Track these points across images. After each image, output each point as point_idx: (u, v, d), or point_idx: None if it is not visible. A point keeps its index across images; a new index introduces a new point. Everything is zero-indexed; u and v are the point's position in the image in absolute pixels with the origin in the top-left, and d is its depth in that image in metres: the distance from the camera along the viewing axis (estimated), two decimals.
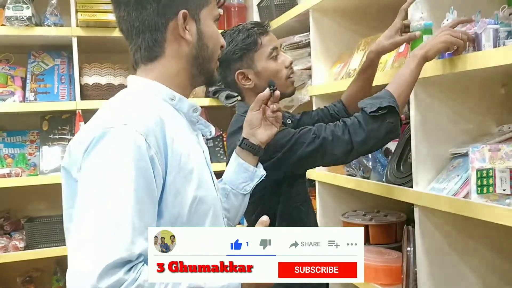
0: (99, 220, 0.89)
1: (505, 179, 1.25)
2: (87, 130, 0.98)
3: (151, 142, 0.94)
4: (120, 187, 0.90)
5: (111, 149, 0.92)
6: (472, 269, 1.56)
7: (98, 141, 0.93)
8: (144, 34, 1.06)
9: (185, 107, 1.10)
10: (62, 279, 2.87)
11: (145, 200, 0.92)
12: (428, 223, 1.52)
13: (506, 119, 1.56)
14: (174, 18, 1.06)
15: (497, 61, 1.18)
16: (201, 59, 1.10)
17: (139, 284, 0.87)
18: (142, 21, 1.05)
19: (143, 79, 1.09)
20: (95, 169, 0.92)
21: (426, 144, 1.53)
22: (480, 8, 1.42)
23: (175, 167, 0.98)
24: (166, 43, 1.07)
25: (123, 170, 0.91)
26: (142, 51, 1.08)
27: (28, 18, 2.46)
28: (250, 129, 1.36)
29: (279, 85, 1.52)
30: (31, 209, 2.90)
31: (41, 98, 2.63)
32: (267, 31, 1.58)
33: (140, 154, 0.92)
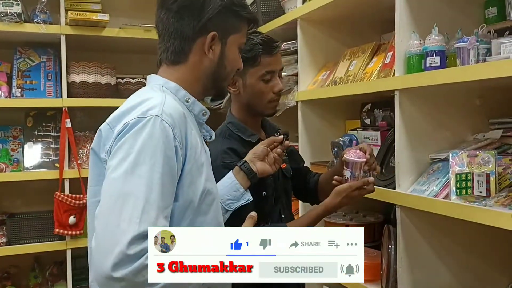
0: (129, 195, 0.98)
1: (482, 183, 1.37)
2: (119, 116, 1.09)
3: (177, 133, 1.06)
4: (149, 169, 1.00)
5: (145, 135, 1.02)
6: (448, 267, 1.68)
7: (132, 127, 1.04)
8: (175, 40, 1.19)
9: (197, 109, 1.22)
10: (39, 275, 2.87)
11: (168, 184, 1.03)
12: (409, 223, 1.63)
13: (480, 128, 1.70)
14: (204, 36, 1.18)
15: (480, 75, 1.30)
16: (217, 76, 1.23)
17: None
18: (176, 28, 1.18)
19: (164, 79, 1.20)
20: (128, 151, 1.02)
21: (408, 149, 1.64)
22: (461, 25, 1.55)
23: (192, 159, 1.10)
24: (191, 54, 1.20)
25: (153, 155, 1.01)
26: (169, 53, 1.20)
27: (18, 14, 2.48)
28: (253, 157, 1.48)
29: (260, 105, 1.60)
30: (10, 205, 2.89)
31: (28, 94, 2.64)
32: (273, 53, 1.58)
33: (168, 143, 1.04)
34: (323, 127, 2.30)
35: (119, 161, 1.01)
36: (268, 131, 1.72)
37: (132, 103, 1.11)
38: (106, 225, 0.98)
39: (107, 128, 1.10)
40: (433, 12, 1.63)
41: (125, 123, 1.05)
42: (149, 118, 1.04)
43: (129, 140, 1.03)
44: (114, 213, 0.98)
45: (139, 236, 0.95)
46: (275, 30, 2.48)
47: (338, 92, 1.99)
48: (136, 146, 1.02)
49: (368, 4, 2.00)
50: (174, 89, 1.19)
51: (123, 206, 0.98)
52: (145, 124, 1.03)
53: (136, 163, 1.00)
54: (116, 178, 1.00)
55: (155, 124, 1.04)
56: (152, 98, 1.11)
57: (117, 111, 1.13)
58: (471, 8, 1.69)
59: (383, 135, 1.93)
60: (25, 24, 2.54)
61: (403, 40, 1.62)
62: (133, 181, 0.99)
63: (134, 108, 1.08)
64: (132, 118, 1.05)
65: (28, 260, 2.85)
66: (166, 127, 1.04)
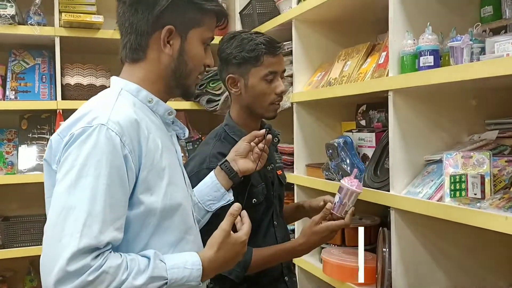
0: (72, 209, 0.96)
1: (476, 184, 1.35)
2: (68, 126, 1.05)
3: (126, 141, 1.02)
4: (93, 181, 0.97)
5: (89, 146, 0.99)
6: (443, 269, 1.65)
7: (77, 138, 1.00)
8: (131, 35, 1.13)
9: (161, 110, 1.17)
10: (35, 279, 2.85)
11: (117, 194, 1.00)
12: (404, 225, 1.61)
13: (476, 129, 1.67)
14: (160, 30, 1.12)
15: (474, 74, 1.27)
16: (178, 74, 1.16)
17: (104, 270, 0.95)
18: (131, 23, 1.13)
19: (124, 81, 1.15)
20: (73, 163, 0.99)
21: (402, 150, 1.61)
22: (456, 24, 1.52)
23: (148, 165, 1.06)
24: (149, 49, 1.14)
25: (98, 165, 0.98)
26: (127, 50, 1.15)
27: (12, 16, 2.46)
28: (234, 155, 1.45)
29: (261, 107, 1.57)
30: (4, 208, 2.88)
31: (22, 96, 2.63)
32: (276, 53, 1.55)
33: (115, 152, 1.00)
34: (319, 129, 2.28)
35: (64, 174, 0.99)
36: None
37: (82, 111, 1.07)
38: (49, 240, 0.96)
39: (57, 139, 1.06)
40: (427, 11, 1.61)
41: (71, 133, 1.02)
42: (94, 127, 1.01)
43: (73, 152, 1.00)
44: (57, 228, 0.95)
45: (80, 252, 0.93)
46: (271, 31, 2.46)
47: (332, 93, 1.97)
48: (80, 157, 0.99)
49: (363, 4, 1.98)
50: (134, 91, 1.14)
51: (65, 221, 0.95)
52: (90, 134, 1.00)
53: (80, 175, 0.98)
54: (61, 191, 0.98)
55: (100, 134, 1.00)
56: (101, 105, 1.07)
57: (67, 120, 1.08)
58: (467, 7, 1.66)
59: (378, 136, 1.90)
60: (19, 26, 2.52)
61: (396, 40, 1.60)
62: (76, 194, 0.97)
63: (83, 117, 1.04)
64: (78, 128, 1.02)
65: (24, 264, 2.83)
66: (113, 135, 1.00)
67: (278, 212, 1.65)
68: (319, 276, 2.08)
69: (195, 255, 1.09)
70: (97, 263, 0.94)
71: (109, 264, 0.95)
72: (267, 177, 1.61)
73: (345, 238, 2.07)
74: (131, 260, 1.00)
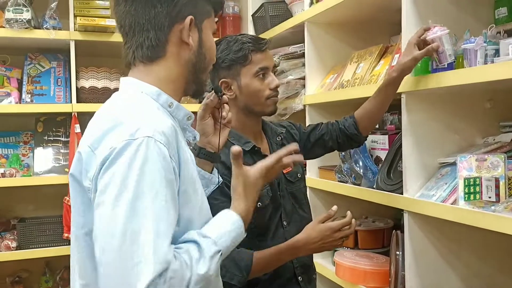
0: (137, 234, 0.88)
1: (490, 187, 1.34)
2: (100, 138, 0.95)
3: (172, 153, 0.95)
4: (152, 200, 0.89)
5: (139, 162, 0.90)
6: (457, 273, 1.64)
7: (121, 153, 0.90)
8: (149, 32, 1.04)
9: (181, 114, 1.09)
10: (50, 280, 2.89)
11: (172, 210, 0.93)
12: (417, 228, 1.60)
13: (490, 131, 1.66)
14: (181, 22, 1.06)
15: (488, 76, 1.27)
16: (197, 67, 1.11)
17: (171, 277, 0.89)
18: (149, 19, 1.04)
19: (142, 83, 1.06)
20: (124, 183, 0.89)
21: (416, 153, 1.61)
22: (468, 26, 1.51)
23: (187, 178, 1.00)
24: (169, 44, 1.06)
25: (154, 183, 0.90)
26: (144, 49, 1.05)
27: (28, 21, 2.50)
28: (205, 138, 1.35)
29: (258, 104, 1.56)
30: (20, 210, 2.92)
31: (38, 100, 2.66)
32: (262, 49, 1.55)
33: (167, 166, 0.92)
34: None
35: (116, 195, 0.89)
36: (270, 136, 1.68)
37: (114, 119, 0.96)
38: (116, 271, 0.87)
39: (88, 151, 0.95)
40: (440, 13, 1.60)
41: (111, 147, 0.91)
42: (141, 140, 0.91)
43: (121, 169, 0.89)
44: (124, 256, 0.87)
45: (156, 277, 0.86)
46: (283, 33, 2.47)
47: (345, 95, 1.97)
48: (132, 176, 0.89)
49: (376, 6, 1.98)
50: (155, 95, 1.05)
51: (132, 246, 0.87)
52: (138, 149, 0.90)
53: (137, 196, 0.88)
54: (117, 215, 0.88)
55: (149, 147, 0.91)
56: (139, 113, 0.98)
57: (96, 128, 0.98)
58: (481, 9, 1.65)
59: (391, 138, 1.90)
60: (35, 30, 2.56)
61: None
62: (138, 218, 0.88)
63: (118, 126, 0.94)
64: (119, 141, 0.91)
65: (39, 265, 2.87)
66: (162, 148, 0.92)
67: (288, 212, 1.63)
68: (331, 278, 2.08)
69: (231, 214, 1.07)
70: (165, 277, 0.88)
71: (173, 271, 0.89)
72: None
73: (358, 241, 2.07)
74: (185, 253, 0.95)
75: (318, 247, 1.47)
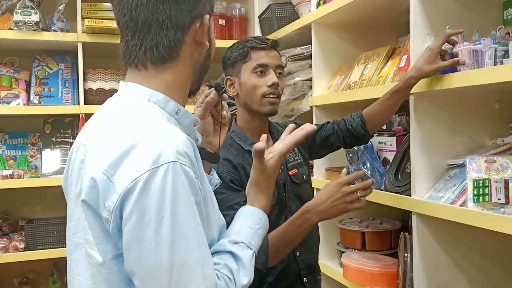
0: (184, 266, 0.85)
1: (500, 189, 1.33)
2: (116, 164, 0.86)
3: (195, 171, 0.90)
4: (190, 228, 0.86)
5: (169, 191, 0.84)
6: (465, 275, 1.63)
7: (147, 184, 0.84)
8: (168, 31, 0.95)
9: (187, 121, 1.02)
10: (58, 280, 2.89)
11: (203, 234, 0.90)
12: (425, 230, 1.59)
13: (499, 132, 1.65)
14: (198, 22, 0.98)
15: (497, 78, 1.26)
16: (204, 68, 1.05)
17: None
18: (170, 16, 0.94)
19: (149, 90, 0.97)
20: (157, 216, 0.84)
21: (424, 154, 1.60)
22: (477, 27, 1.51)
23: (207, 194, 0.96)
24: (183, 45, 0.98)
25: (187, 208, 0.86)
26: (160, 49, 0.95)
27: (36, 23, 2.51)
28: (205, 138, 1.26)
29: (255, 102, 1.56)
30: (28, 211, 2.93)
31: (46, 101, 2.67)
32: (264, 47, 1.56)
33: (194, 188, 0.88)
34: None
35: (154, 228, 0.84)
36: (276, 137, 1.66)
37: (128, 140, 0.87)
38: None
39: (104, 179, 0.87)
40: (449, 14, 1.60)
41: (134, 178, 0.84)
42: (166, 167, 0.84)
43: (151, 202, 0.83)
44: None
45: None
46: (290, 34, 2.47)
47: (353, 96, 1.96)
48: (166, 207, 0.84)
49: (383, 7, 1.97)
50: (162, 102, 0.97)
51: (183, 281, 0.85)
52: (165, 176, 0.84)
53: (175, 227, 0.84)
54: (160, 250, 0.84)
55: (176, 172, 0.84)
56: (154, 132, 0.90)
57: (107, 150, 0.89)
58: (489, 10, 1.64)
59: (399, 140, 1.89)
60: (43, 33, 2.57)
61: (417, 43, 1.58)
62: (180, 250, 0.85)
63: (135, 149, 0.86)
64: (142, 170, 0.84)
65: (47, 265, 2.88)
66: (187, 170, 0.86)
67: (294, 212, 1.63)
68: (339, 280, 2.07)
69: (256, 210, 1.08)
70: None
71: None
72: (277, 180, 1.55)
73: (365, 242, 2.06)
74: (224, 268, 0.95)
75: (329, 206, 1.36)
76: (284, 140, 1.17)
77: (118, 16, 0.98)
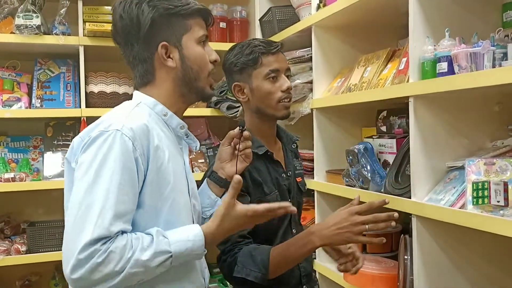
0: (90, 206, 1.06)
1: (499, 191, 1.32)
2: (88, 130, 1.17)
3: (137, 145, 1.13)
4: (108, 180, 1.08)
5: (104, 149, 1.10)
6: (466, 277, 1.63)
7: (93, 140, 1.12)
8: (137, 66, 1.26)
9: (174, 123, 1.28)
10: (60, 283, 2.90)
11: (127, 191, 1.10)
12: (425, 233, 1.59)
13: (499, 134, 1.65)
14: (157, 50, 1.23)
15: (496, 80, 1.26)
16: (187, 79, 1.26)
17: (111, 250, 1.05)
18: (134, 56, 1.25)
19: (144, 95, 1.27)
20: (90, 164, 1.10)
21: (424, 157, 1.60)
22: (476, 29, 1.51)
23: (155, 170, 1.16)
24: (156, 71, 1.25)
25: (112, 166, 1.09)
26: (138, 79, 1.27)
27: (37, 26, 2.52)
28: (220, 163, 1.46)
29: (270, 107, 1.57)
30: (30, 214, 2.94)
31: (47, 104, 2.68)
32: (273, 52, 1.57)
33: (127, 154, 1.11)
34: (339, 135, 2.27)
35: (83, 173, 1.10)
36: (285, 142, 1.69)
37: (102, 118, 1.18)
38: (69, 235, 1.07)
39: (78, 141, 1.17)
40: (448, 16, 1.60)
41: (89, 136, 1.13)
42: (110, 132, 1.11)
43: (91, 153, 1.11)
44: (77, 225, 1.06)
45: (91, 241, 1.03)
46: (290, 37, 2.47)
47: (352, 99, 1.97)
48: (97, 159, 1.09)
49: (383, 9, 1.97)
50: (152, 104, 1.25)
51: (85, 216, 1.06)
52: (106, 138, 1.11)
53: (97, 175, 1.08)
54: (80, 189, 1.09)
55: (115, 138, 1.11)
56: (118, 114, 1.18)
57: (90, 125, 1.19)
58: (489, 12, 1.65)
59: (399, 142, 1.89)
60: (45, 36, 2.58)
61: (417, 46, 1.58)
62: (93, 193, 1.07)
63: (101, 123, 1.16)
64: (95, 132, 1.13)
65: (49, 268, 2.88)
66: (126, 140, 1.11)
67: (297, 220, 1.65)
68: (340, 283, 2.07)
69: (196, 227, 1.18)
70: (105, 246, 1.04)
71: (115, 245, 1.05)
72: (281, 185, 1.60)
73: (366, 245, 2.06)
74: (136, 239, 1.09)
75: (333, 233, 1.34)
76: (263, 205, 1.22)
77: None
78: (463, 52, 1.38)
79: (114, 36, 1.27)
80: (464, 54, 1.38)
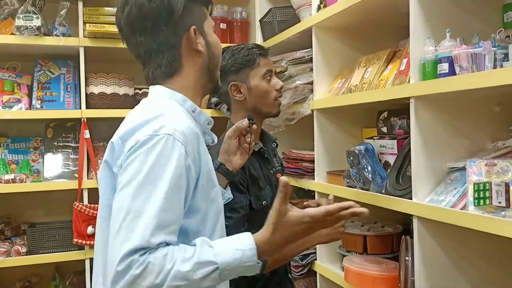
0: (136, 213, 0.99)
1: (500, 192, 1.32)
2: (130, 131, 1.09)
3: (189, 151, 1.07)
4: (155, 188, 1.01)
5: (155, 154, 1.02)
6: (467, 278, 1.62)
7: (143, 144, 1.04)
8: (163, 53, 1.18)
9: (202, 119, 1.24)
10: (60, 285, 2.90)
11: (174, 201, 1.03)
12: (426, 234, 1.59)
13: (500, 135, 1.65)
14: (186, 35, 1.19)
15: (497, 81, 1.26)
16: (211, 67, 1.25)
17: (150, 262, 0.96)
18: (160, 42, 1.18)
19: (170, 90, 1.20)
20: (138, 169, 1.02)
21: (425, 158, 1.60)
22: (477, 30, 1.51)
23: (205, 175, 1.12)
24: (183, 58, 1.20)
25: (162, 173, 1.01)
26: (162, 68, 1.19)
27: (38, 28, 2.52)
28: (227, 156, 1.47)
29: (267, 105, 1.71)
30: (30, 215, 2.95)
31: (48, 106, 2.68)
32: (267, 54, 1.73)
33: (180, 161, 1.04)
34: (339, 136, 2.27)
35: (129, 178, 1.02)
36: (265, 140, 1.79)
37: (144, 117, 1.10)
38: (114, 242, 1.00)
39: (119, 142, 1.10)
40: (449, 17, 1.60)
41: (137, 139, 1.05)
42: (162, 136, 1.04)
43: (139, 158, 1.03)
44: (122, 232, 0.99)
45: (128, 253, 0.96)
46: (291, 38, 2.47)
47: (353, 100, 1.96)
48: (146, 165, 1.02)
49: (384, 10, 1.97)
50: (181, 100, 1.20)
51: (128, 224, 0.99)
52: (157, 142, 1.03)
53: (145, 182, 1.01)
54: (126, 195, 1.01)
55: (167, 143, 1.04)
56: (165, 114, 1.10)
57: (128, 124, 1.12)
58: (490, 13, 1.64)
59: (400, 143, 1.88)
60: (45, 37, 2.58)
61: (417, 47, 1.58)
62: (139, 200, 1.00)
63: (147, 123, 1.08)
64: (144, 135, 1.05)
65: (49, 269, 2.89)
66: (179, 145, 1.05)
67: None
68: (340, 284, 2.07)
69: (247, 235, 1.06)
70: (143, 257, 0.96)
71: (154, 256, 0.97)
72: (271, 180, 1.71)
73: (367, 246, 2.05)
74: (178, 250, 1.00)
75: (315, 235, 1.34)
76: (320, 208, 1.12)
77: (133, 56, 1.24)
78: (464, 53, 1.38)
79: (131, 23, 1.17)
80: (465, 55, 1.38)
